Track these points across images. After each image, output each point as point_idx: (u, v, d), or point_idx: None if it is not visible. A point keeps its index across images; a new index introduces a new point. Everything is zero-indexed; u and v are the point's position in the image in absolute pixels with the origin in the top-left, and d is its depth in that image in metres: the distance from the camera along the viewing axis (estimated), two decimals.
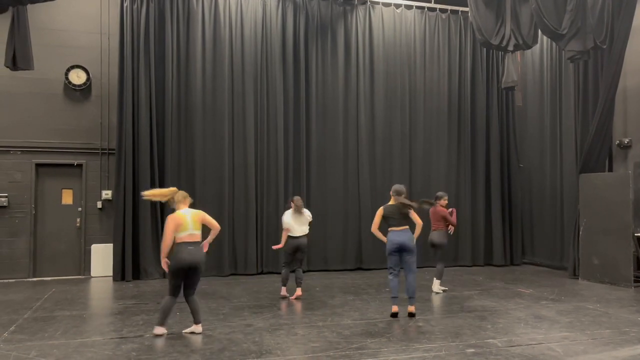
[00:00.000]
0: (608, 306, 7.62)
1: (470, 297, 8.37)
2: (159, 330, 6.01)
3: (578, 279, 10.05)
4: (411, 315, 6.82)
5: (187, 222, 6.00)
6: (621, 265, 9.24)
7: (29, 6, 8.16)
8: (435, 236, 8.62)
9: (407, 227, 6.91)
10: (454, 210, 8.90)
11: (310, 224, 8.33)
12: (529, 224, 12.57)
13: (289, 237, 8.11)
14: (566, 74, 11.28)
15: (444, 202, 8.79)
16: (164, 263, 5.99)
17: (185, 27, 10.77)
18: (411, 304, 6.87)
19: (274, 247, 8.56)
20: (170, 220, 5.99)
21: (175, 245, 5.96)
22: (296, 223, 8.11)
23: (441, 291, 8.73)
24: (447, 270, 11.27)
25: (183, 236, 5.95)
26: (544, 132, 12.07)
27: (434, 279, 8.77)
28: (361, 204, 11.52)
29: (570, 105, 10.98)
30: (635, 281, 9.10)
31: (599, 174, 9.98)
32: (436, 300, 8.12)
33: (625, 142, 10.21)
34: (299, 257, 8.25)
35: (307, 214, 8.28)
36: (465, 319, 6.84)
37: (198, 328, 6.13)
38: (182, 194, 6.26)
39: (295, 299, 8.14)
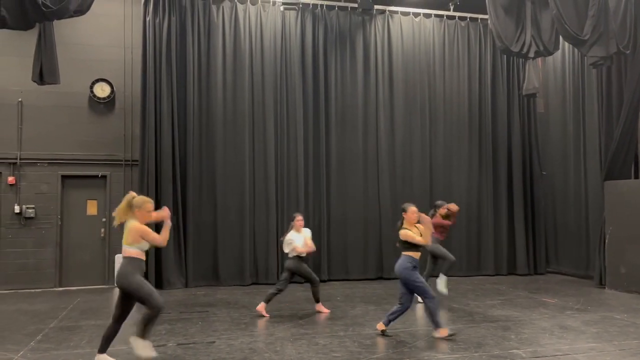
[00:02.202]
0: (636, 316, 7.45)
1: (494, 306, 8.27)
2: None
3: (604, 288, 9.85)
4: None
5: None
6: None
7: (55, 22, 8.38)
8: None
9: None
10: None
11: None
12: (553, 232, 12.37)
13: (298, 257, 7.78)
14: (589, 80, 11.11)
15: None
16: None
17: (206, 40, 10.94)
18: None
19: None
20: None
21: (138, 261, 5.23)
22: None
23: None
24: (470, 280, 11.25)
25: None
26: (567, 138, 11.88)
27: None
28: (382, 212, 11.48)
29: (594, 111, 10.81)
30: None
31: (625, 181, 9.80)
32: (458, 310, 8.04)
33: None
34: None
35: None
36: (489, 329, 6.76)
37: None
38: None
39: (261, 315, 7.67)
